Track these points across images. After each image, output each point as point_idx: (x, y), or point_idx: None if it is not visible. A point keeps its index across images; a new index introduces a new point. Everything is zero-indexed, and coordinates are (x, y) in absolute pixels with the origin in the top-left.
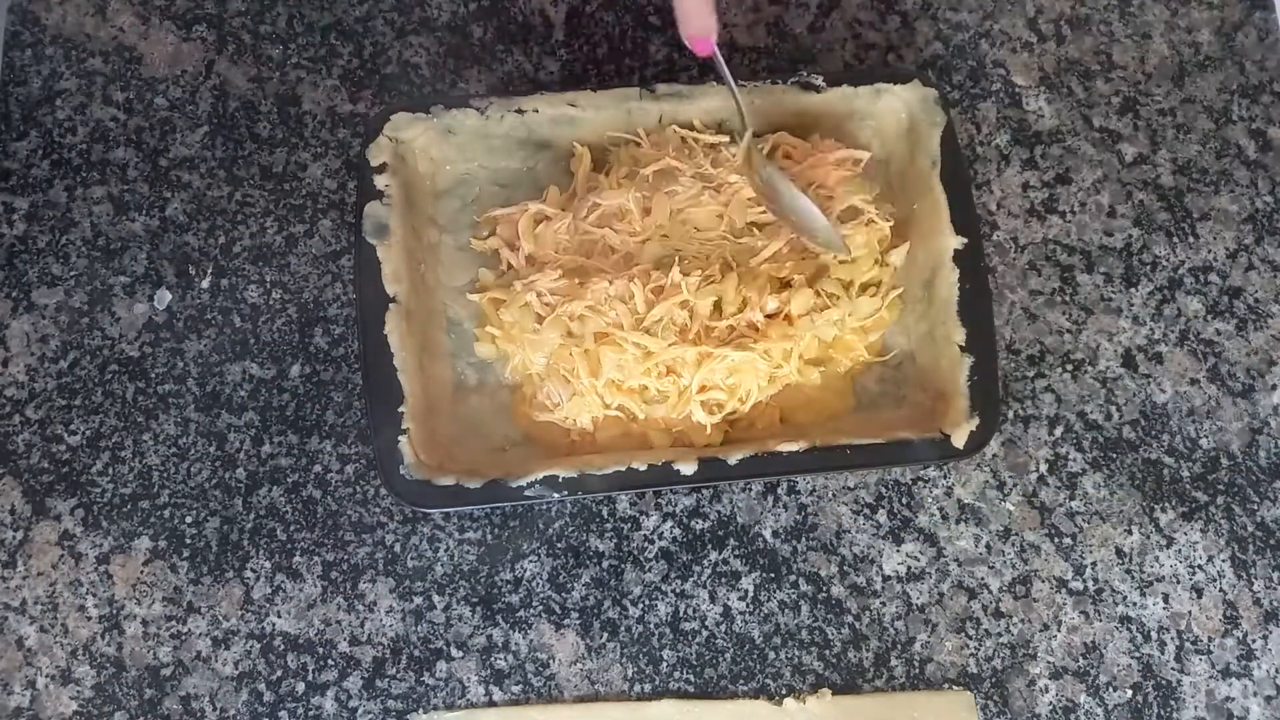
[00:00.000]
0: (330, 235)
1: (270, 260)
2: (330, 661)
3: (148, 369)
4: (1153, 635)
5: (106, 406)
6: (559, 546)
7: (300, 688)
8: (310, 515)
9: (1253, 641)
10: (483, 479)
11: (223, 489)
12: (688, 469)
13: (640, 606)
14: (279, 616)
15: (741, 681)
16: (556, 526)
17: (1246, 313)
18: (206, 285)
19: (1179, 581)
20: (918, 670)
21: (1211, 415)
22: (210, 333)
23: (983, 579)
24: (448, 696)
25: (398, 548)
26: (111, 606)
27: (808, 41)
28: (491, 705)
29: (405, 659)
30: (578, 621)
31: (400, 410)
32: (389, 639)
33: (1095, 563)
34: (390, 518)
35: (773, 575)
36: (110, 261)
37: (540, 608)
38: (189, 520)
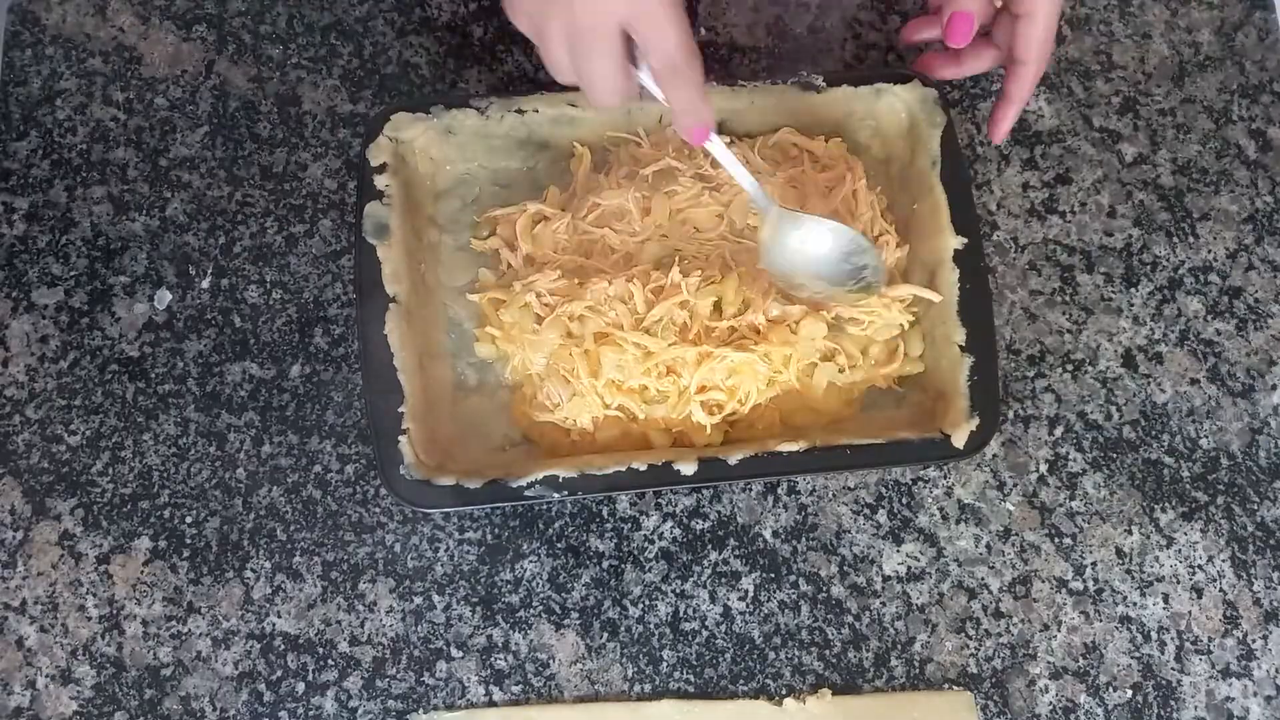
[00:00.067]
0: (330, 235)
1: (270, 260)
2: (330, 661)
3: (148, 369)
4: (1153, 635)
5: (106, 406)
6: (559, 546)
7: (300, 688)
8: (310, 515)
9: (1253, 641)
10: (483, 479)
11: (223, 489)
12: (688, 469)
13: (640, 606)
14: (279, 616)
15: (741, 681)
16: (556, 526)
17: (1246, 313)
18: (206, 285)
19: (1179, 581)
20: (918, 670)
21: (1211, 415)
22: (210, 333)
23: (983, 579)
24: (448, 696)
25: (398, 548)
26: (111, 606)
27: (808, 41)
28: (491, 705)
29: (405, 659)
30: (578, 621)
31: (400, 410)
32: (389, 639)
33: (1095, 563)
34: (390, 518)
35: (773, 575)
36: (110, 261)
37: (540, 608)
38: (189, 520)
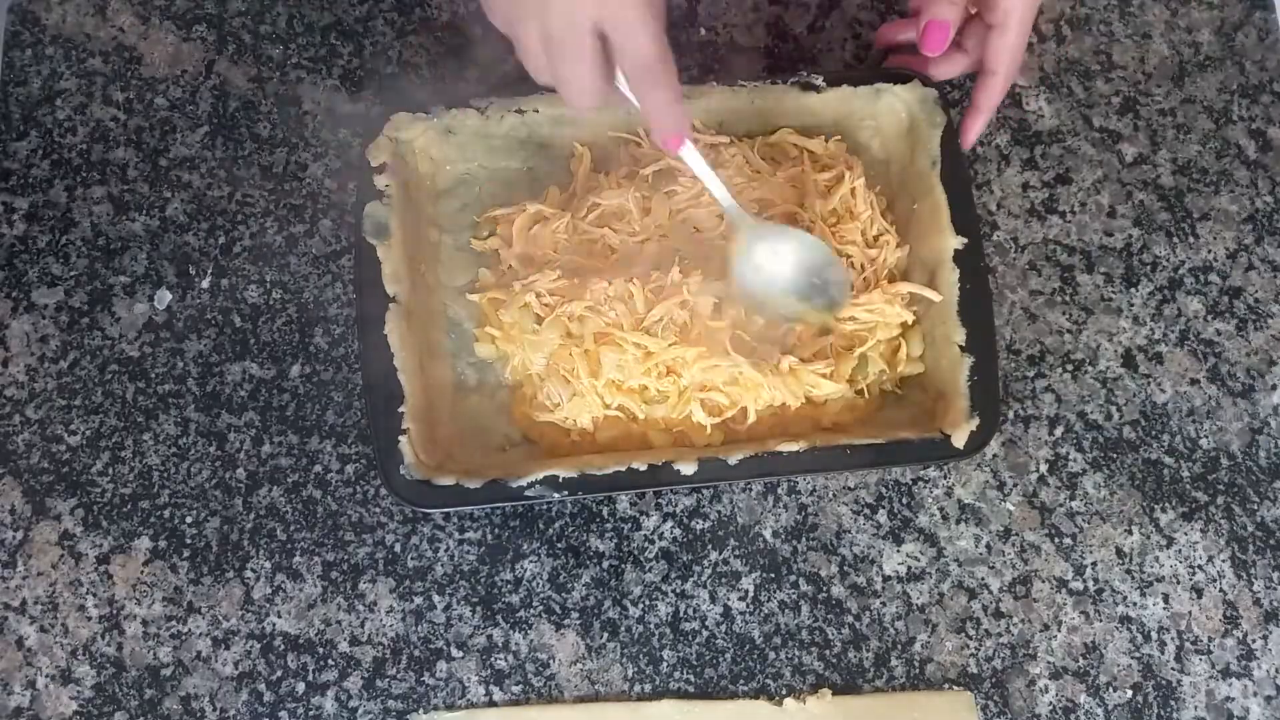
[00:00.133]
0: (330, 235)
1: (270, 260)
2: (330, 661)
3: (148, 369)
4: (1153, 635)
5: (106, 406)
6: (559, 546)
7: (300, 688)
8: (310, 515)
9: (1253, 641)
10: (483, 479)
11: (223, 489)
12: (688, 469)
13: (640, 606)
14: (279, 616)
15: (741, 681)
16: (556, 526)
17: (1246, 313)
18: (206, 285)
19: (1179, 581)
20: (918, 670)
21: (1211, 415)
22: (210, 333)
23: (983, 579)
24: (448, 696)
25: (398, 548)
26: (111, 606)
27: (808, 41)
28: (491, 705)
29: (405, 659)
30: (578, 621)
31: (400, 410)
32: (389, 639)
33: (1095, 563)
34: (390, 518)
35: (773, 575)
36: (110, 261)
37: (540, 608)
38: (189, 520)
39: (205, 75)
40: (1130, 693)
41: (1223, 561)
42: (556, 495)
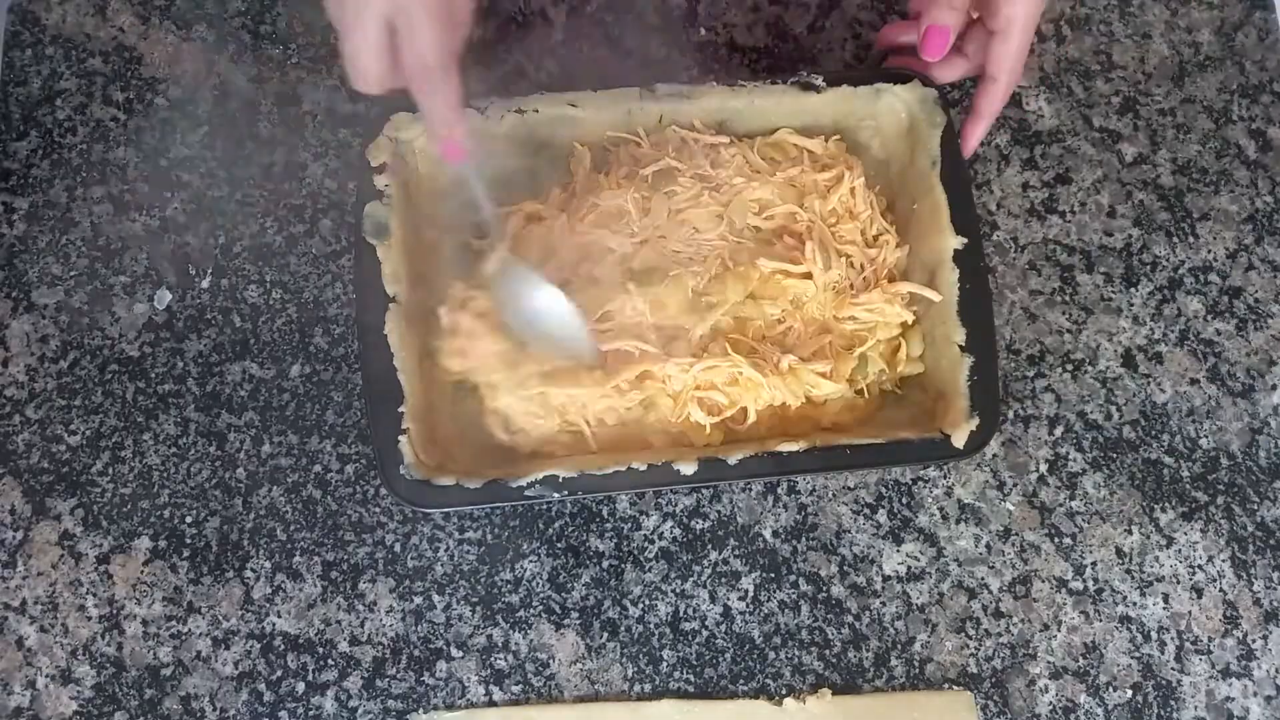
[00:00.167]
0: (330, 235)
1: (270, 260)
2: (330, 661)
3: (148, 369)
4: (1153, 635)
5: (106, 406)
6: (559, 546)
7: (300, 688)
8: (310, 515)
9: (1253, 641)
10: (483, 479)
11: (223, 489)
12: (688, 469)
13: (640, 606)
14: (279, 616)
15: (741, 681)
16: (556, 526)
17: (1246, 313)
18: (206, 285)
19: (1179, 581)
20: (918, 670)
21: (1211, 415)
22: (210, 333)
23: (983, 579)
24: (448, 696)
25: (398, 548)
26: (111, 606)
27: (808, 41)
28: (491, 705)
29: (405, 659)
30: (578, 621)
31: (400, 410)
32: (389, 639)
33: (1095, 563)
34: (390, 518)
35: (773, 575)
36: (110, 261)
37: (540, 608)
38: (189, 520)
39: (205, 75)
40: (1130, 693)
41: (1223, 561)
42: (556, 495)
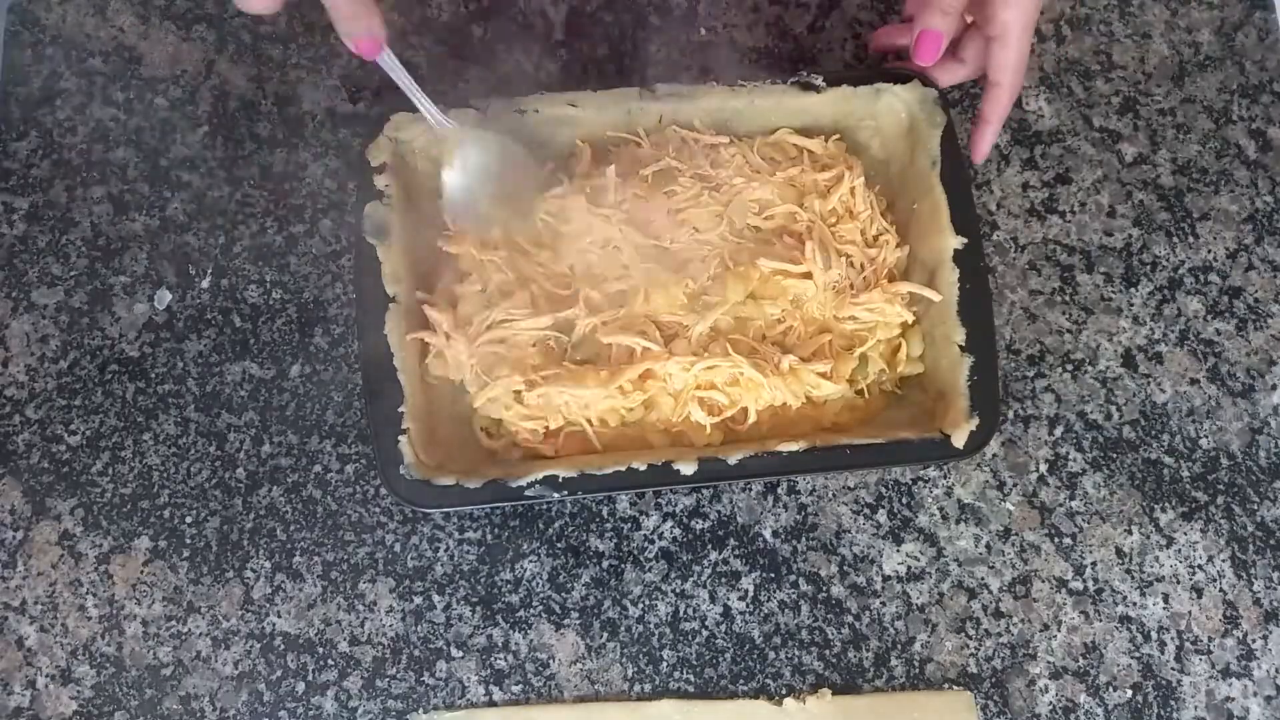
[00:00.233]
0: (330, 235)
1: (270, 260)
2: (330, 661)
3: (148, 369)
4: (1153, 635)
5: (106, 406)
6: (559, 546)
7: (300, 688)
8: (310, 515)
9: (1253, 641)
10: (483, 479)
11: (223, 489)
12: (688, 469)
13: (640, 606)
14: (279, 616)
15: (741, 681)
16: (556, 526)
17: (1246, 313)
18: (206, 285)
19: (1179, 581)
20: (918, 670)
21: (1211, 415)
22: (210, 333)
23: (983, 579)
24: (448, 696)
25: (398, 548)
26: (111, 606)
27: (808, 41)
28: (491, 705)
29: (405, 659)
30: (578, 621)
31: (400, 410)
32: (389, 639)
33: (1095, 563)
34: (390, 518)
35: (773, 575)
36: (110, 261)
37: (540, 608)
38: (189, 520)
39: (205, 75)
40: (1130, 693)
41: (1223, 561)
42: (556, 495)
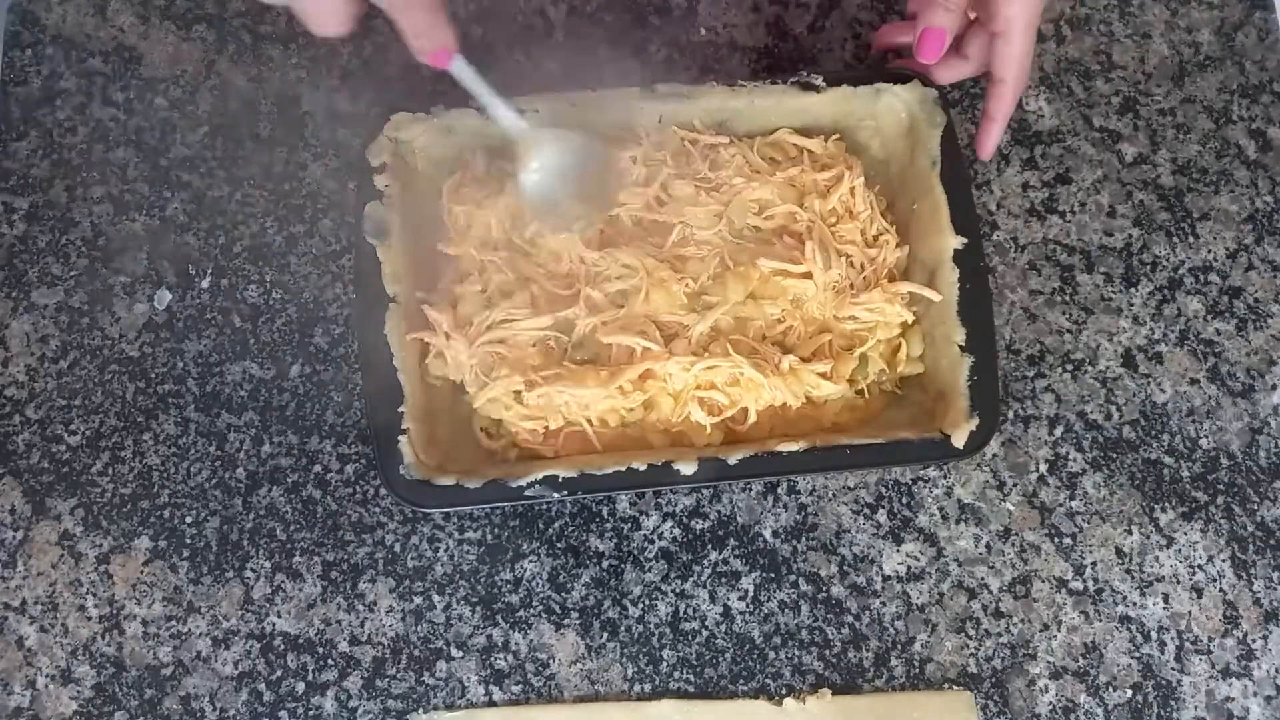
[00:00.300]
0: (330, 235)
1: (270, 260)
2: (330, 661)
3: (148, 369)
4: (1153, 635)
5: (106, 406)
6: (559, 546)
7: (300, 688)
8: (310, 515)
9: (1253, 641)
10: (483, 479)
11: (223, 489)
12: (688, 469)
13: (640, 606)
14: (279, 616)
15: (741, 681)
16: (556, 526)
17: (1246, 313)
18: (206, 285)
19: (1179, 581)
20: (918, 670)
21: (1211, 415)
22: (210, 333)
23: (983, 579)
24: (448, 696)
25: (398, 548)
26: (111, 606)
27: (808, 41)
28: (491, 705)
29: (405, 659)
30: (578, 621)
31: (400, 410)
32: (389, 639)
33: (1095, 563)
34: (390, 518)
35: (773, 575)
36: (110, 261)
37: (540, 608)
38: (189, 520)
39: (205, 75)
40: (1130, 692)
41: (1223, 561)
42: (556, 495)
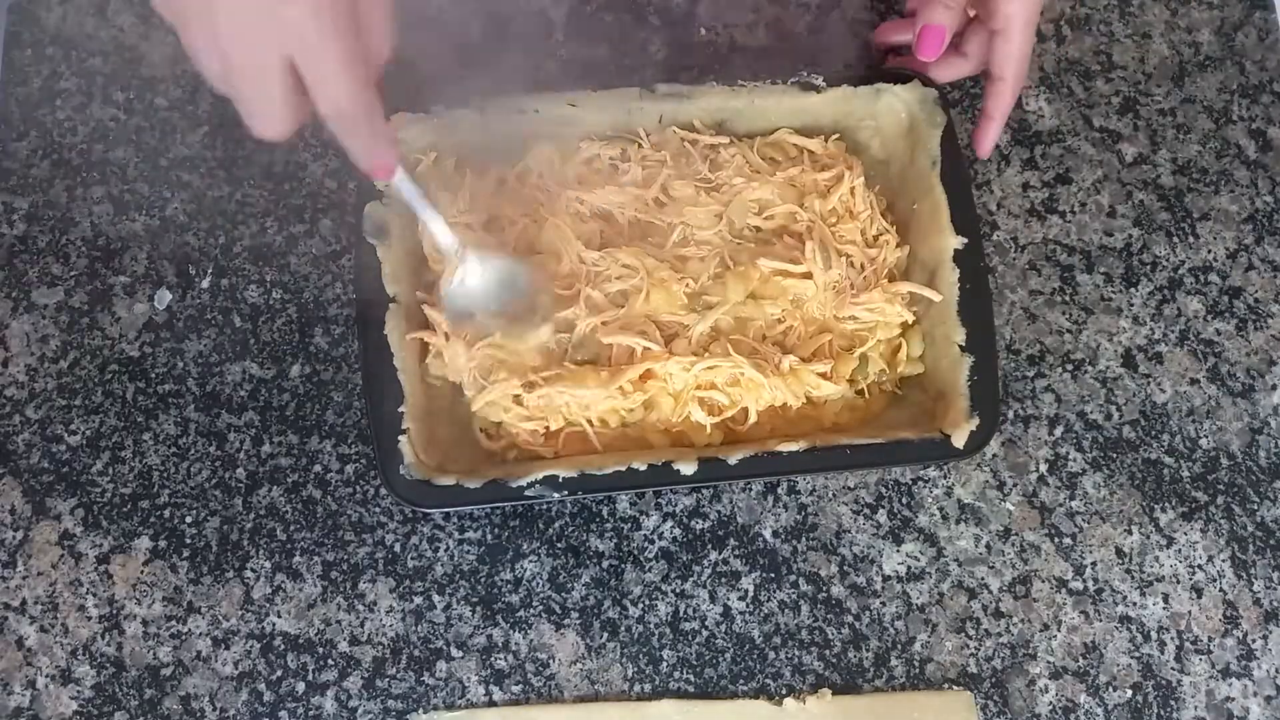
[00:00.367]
0: (330, 235)
1: (270, 260)
2: (330, 661)
3: (148, 369)
4: (1153, 635)
5: (106, 406)
6: (559, 546)
7: (300, 688)
8: (310, 515)
9: (1253, 641)
10: (483, 479)
11: (223, 489)
12: (688, 469)
13: (640, 606)
14: (279, 616)
15: (741, 681)
16: (556, 526)
17: (1246, 313)
18: (206, 285)
19: (1179, 581)
20: (918, 670)
21: (1211, 415)
22: (210, 333)
23: (983, 579)
24: (448, 696)
25: (398, 548)
26: (111, 606)
27: (808, 41)
28: (491, 705)
29: (405, 659)
30: (578, 621)
31: (400, 410)
32: (389, 639)
33: (1095, 563)
34: (390, 518)
35: (773, 575)
36: (110, 261)
37: (540, 608)
38: (189, 520)
39: None
40: (1130, 692)
41: (1223, 561)
42: (556, 495)
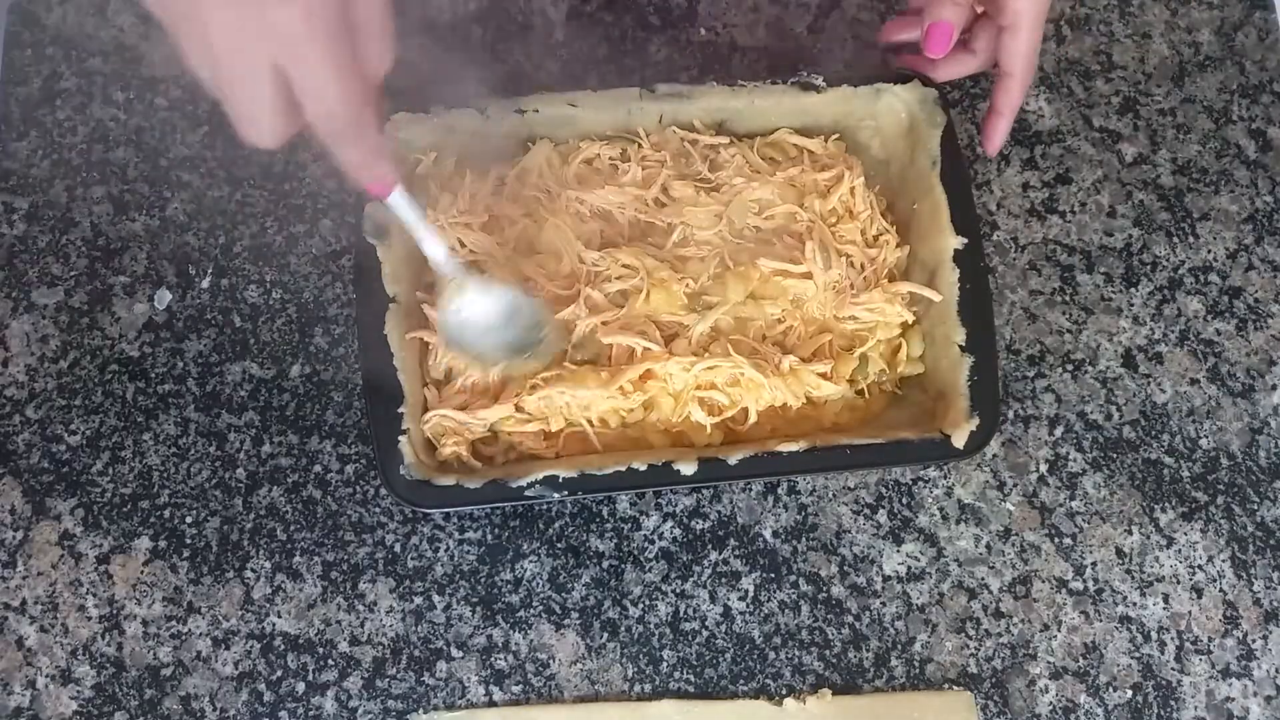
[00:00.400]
0: (330, 235)
1: (270, 260)
2: (330, 661)
3: (148, 369)
4: (1153, 635)
5: (106, 406)
6: (559, 546)
7: (300, 688)
8: (310, 515)
9: (1253, 641)
10: (483, 479)
11: (223, 489)
12: (688, 469)
13: (640, 606)
14: (279, 616)
15: (741, 681)
16: (556, 526)
17: (1246, 313)
18: (206, 285)
19: (1179, 581)
20: (918, 670)
21: (1211, 415)
22: (210, 333)
23: (983, 579)
24: (448, 696)
25: (398, 548)
26: (111, 606)
27: (808, 41)
28: (491, 705)
29: (405, 659)
30: (578, 621)
31: (400, 410)
32: (389, 639)
33: (1095, 563)
34: (390, 518)
35: (773, 575)
36: (110, 261)
37: (540, 608)
38: (189, 520)
39: None
40: (1130, 693)
41: (1223, 561)
42: (556, 495)
